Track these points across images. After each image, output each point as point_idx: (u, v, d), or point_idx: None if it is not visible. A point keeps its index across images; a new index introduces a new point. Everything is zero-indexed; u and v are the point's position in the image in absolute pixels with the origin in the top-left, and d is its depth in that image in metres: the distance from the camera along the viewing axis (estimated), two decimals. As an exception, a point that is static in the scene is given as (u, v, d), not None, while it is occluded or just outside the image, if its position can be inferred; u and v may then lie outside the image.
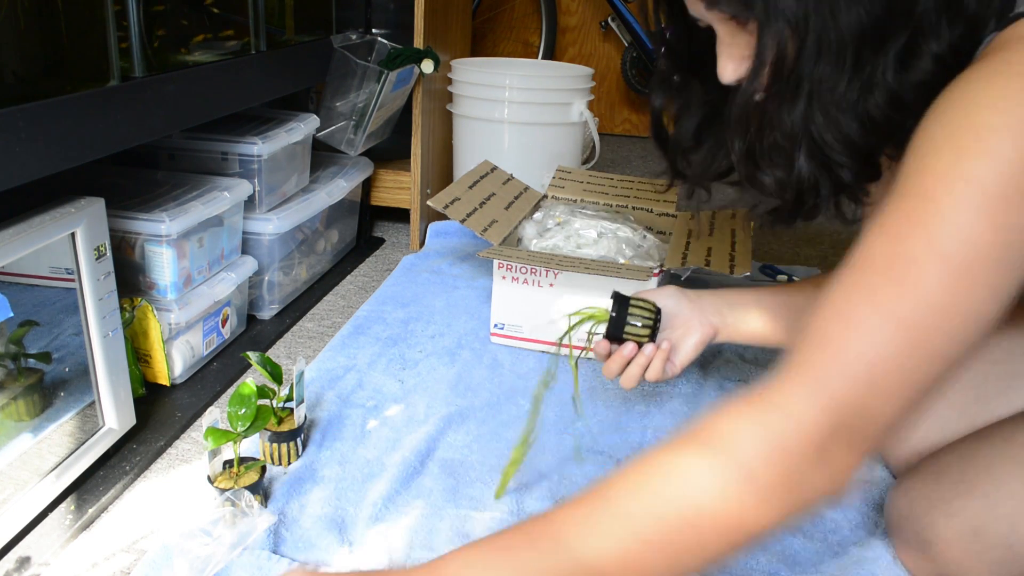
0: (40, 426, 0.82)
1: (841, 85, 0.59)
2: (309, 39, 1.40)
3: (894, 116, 0.60)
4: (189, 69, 1.01)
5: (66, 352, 0.85)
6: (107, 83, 0.87)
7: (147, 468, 0.93)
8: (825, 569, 0.81)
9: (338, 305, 1.42)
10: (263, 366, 0.93)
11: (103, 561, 0.79)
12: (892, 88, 0.59)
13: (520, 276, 1.20)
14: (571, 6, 2.90)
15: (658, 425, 1.04)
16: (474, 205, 1.26)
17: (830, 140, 0.61)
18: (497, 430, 1.02)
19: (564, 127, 1.70)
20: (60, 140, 0.78)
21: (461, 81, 1.70)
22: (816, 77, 0.59)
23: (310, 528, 0.83)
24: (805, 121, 0.61)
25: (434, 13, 1.61)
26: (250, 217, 1.23)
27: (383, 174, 1.69)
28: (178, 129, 1.01)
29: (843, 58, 0.58)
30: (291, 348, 1.26)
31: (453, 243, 1.64)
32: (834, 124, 0.60)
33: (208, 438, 0.81)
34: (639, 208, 1.42)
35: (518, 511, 0.87)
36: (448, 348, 1.22)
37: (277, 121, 1.31)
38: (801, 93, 0.60)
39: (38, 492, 0.81)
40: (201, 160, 1.22)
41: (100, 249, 0.85)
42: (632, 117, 3.01)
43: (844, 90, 0.59)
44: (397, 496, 0.88)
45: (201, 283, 1.11)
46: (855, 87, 0.59)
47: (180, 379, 1.10)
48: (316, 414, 1.03)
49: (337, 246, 1.56)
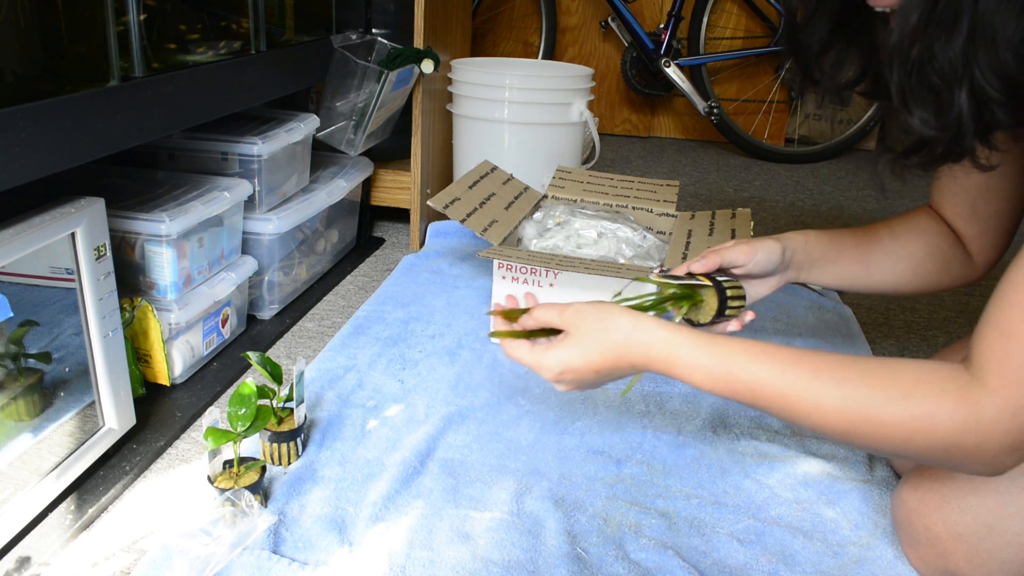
0: (40, 426, 0.82)
1: (1009, 20, 0.56)
2: (309, 39, 1.40)
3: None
4: (189, 69, 1.01)
5: (66, 352, 0.85)
6: (107, 83, 0.87)
7: (147, 468, 0.93)
8: (825, 569, 0.81)
9: (338, 305, 1.42)
10: (263, 366, 0.93)
11: (103, 561, 0.79)
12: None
13: (520, 276, 1.20)
14: (571, 6, 2.90)
15: (658, 425, 1.04)
16: (474, 205, 1.26)
17: (991, 79, 0.58)
18: (497, 430, 1.02)
19: (564, 127, 1.70)
20: (60, 140, 0.78)
21: (461, 81, 1.70)
22: (980, 10, 0.57)
23: (310, 528, 0.83)
24: (967, 59, 0.58)
25: (434, 13, 1.61)
26: (250, 217, 1.24)
27: (383, 174, 1.69)
28: (178, 129, 1.01)
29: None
30: (291, 348, 1.26)
31: (453, 243, 1.64)
32: (998, 62, 0.58)
33: (208, 438, 0.81)
34: (639, 208, 1.42)
35: (518, 511, 0.87)
36: (448, 348, 1.22)
37: (277, 121, 1.32)
38: (960, 28, 0.58)
39: (38, 492, 0.81)
40: (201, 160, 1.22)
41: (100, 249, 0.85)
42: (632, 117, 3.01)
43: (1012, 26, 0.56)
44: (397, 496, 0.88)
45: (201, 283, 1.11)
46: (1021, 24, 0.56)
47: (180, 379, 1.10)
48: (316, 414, 1.03)
49: (337, 246, 1.56)
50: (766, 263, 0.91)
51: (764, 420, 1.07)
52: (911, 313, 1.50)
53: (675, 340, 0.70)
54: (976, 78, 0.59)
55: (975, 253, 0.90)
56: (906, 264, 0.92)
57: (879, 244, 0.93)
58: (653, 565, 0.80)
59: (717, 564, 0.81)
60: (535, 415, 1.06)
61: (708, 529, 0.86)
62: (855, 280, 0.94)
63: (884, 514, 0.89)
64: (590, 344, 0.73)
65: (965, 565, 0.74)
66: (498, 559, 0.80)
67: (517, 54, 2.93)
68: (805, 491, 0.92)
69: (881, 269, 0.93)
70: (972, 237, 0.90)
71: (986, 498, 0.72)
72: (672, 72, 2.63)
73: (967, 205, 0.88)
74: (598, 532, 0.84)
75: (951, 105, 0.60)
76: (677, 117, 3.01)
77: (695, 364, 0.69)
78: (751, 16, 2.78)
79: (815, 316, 1.40)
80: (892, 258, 0.92)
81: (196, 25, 1.08)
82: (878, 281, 0.93)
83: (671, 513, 0.88)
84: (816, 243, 0.94)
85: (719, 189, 2.33)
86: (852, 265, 0.94)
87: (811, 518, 0.88)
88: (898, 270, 0.92)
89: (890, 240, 0.93)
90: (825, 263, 0.94)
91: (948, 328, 1.44)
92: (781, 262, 0.92)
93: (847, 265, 0.94)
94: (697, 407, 1.09)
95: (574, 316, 0.74)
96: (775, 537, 0.85)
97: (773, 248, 0.91)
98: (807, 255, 0.94)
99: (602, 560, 0.80)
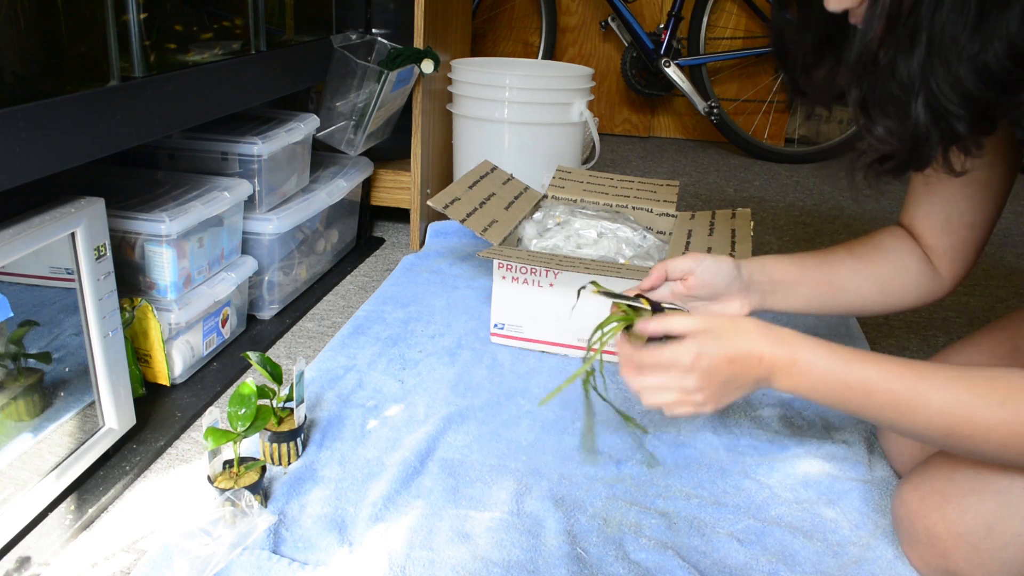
0: (40, 426, 0.82)
1: (963, 36, 0.58)
2: (309, 39, 1.40)
3: (1014, 70, 0.59)
4: (189, 69, 1.01)
5: (66, 352, 0.85)
6: (107, 83, 0.87)
7: (147, 468, 0.93)
8: (825, 569, 0.81)
9: (338, 305, 1.42)
10: (263, 366, 0.93)
11: (103, 561, 0.79)
12: (1014, 40, 0.58)
13: (520, 276, 1.20)
14: (571, 6, 2.91)
15: (658, 425, 1.04)
16: (474, 205, 1.26)
17: (947, 92, 0.60)
18: (497, 430, 1.02)
19: (564, 127, 1.70)
20: (60, 140, 0.78)
21: (461, 81, 1.70)
22: (937, 26, 0.58)
23: (310, 528, 0.83)
24: (923, 72, 0.60)
25: (434, 13, 1.61)
26: (250, 217, 1.24)
27: (383, 174, 1.69)
28: (178, 129, 1.01)
29: (965, 7, 0.57)
30: (291, 348, 1.26)
31: (453, 243, 1.64)
32: (953, 76, 0.59)
33: (208, 438, 0.81)
34: (639, 208, 1.42)
35: (518, 511, 0.87)
36: (448, 348, 1.22)
37: (277, 121, 1.32)
38: (919, 42, 0.59)
39: (38, 492, 0.81)
40: (201, 160, 1.22)
41: (100, 249, 0.85)
42: (632, 117, 3.02)
43: (966, 41, 0.58)
44: (397, 496, 0.88)
45: (201, 283, 1.11)
46: (977, 38, 0.58)
47: (180, 379, 1.10)
48: (316, 414, 1.03)
49: (337, 246, 1.56)
50: (715, 272, 0.89)
51: (764, 420, 1.07)
52: (911, 313, 1.50)
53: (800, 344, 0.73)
54: (932, 90, 0.61)
55: (942, 268, 0.89)
56: (871, 283, 0.91)
57: (842, 265, 0.92)
58: (653, 565, 0.80)
59: (717, 564, 0.81)
60: (535, 415, 1.06)
61: (708, 529, 0.86)
62: (823, 302, 0.93)
63: (884, 514, 0.89)
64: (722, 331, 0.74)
65: (965, 565, 0.74)
66: (498, 559, 0.80)
67: (517, 54, 2.93)
68: (805, 491, 0.92)
69: (847, 289, 0.91)
70: (942, 251, 0.88)
71: (986, 498, 0.72)
72: (672, 72, 2.63)
73: (942, 216, 0.87)
74: (598, 532, 0.85)
75: (908, 116, 0.62)
76: (677, 117, 3.01)
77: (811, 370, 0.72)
78: (751, 16, 2.78)
79: (815, 316, 1.40)
80: (857, 278, 0.91)
81: (196, 25, 1.08)
82: (845, 302, 0.92)
83: (671, 513, 0.88)
84: (775, 265, 0.93)
85: (719, 189, 2.33)
86: (817, 287, 0.92)
87: (811, 518, 0.88)
88: (864, 289, 0.91)
89: (853, 261, 0.92)
90: (789, 286, 0.93)
91: (948, 328, 1.44)
92: (736, 278, 0.90)
93: (812, 287, 0.93)
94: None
95: (705, 317, 0.75)
96: (775, 537, 0.85)
97: (724, 259, 0.90)
98: (767, 276, 0.92)
99: (602, 560, 0.80)
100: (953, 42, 0.58)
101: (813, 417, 1.08)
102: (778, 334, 0.73)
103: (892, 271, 0.90)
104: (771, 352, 0.72)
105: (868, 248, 0.92)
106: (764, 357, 0.72)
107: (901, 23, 0.59)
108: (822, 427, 1.05)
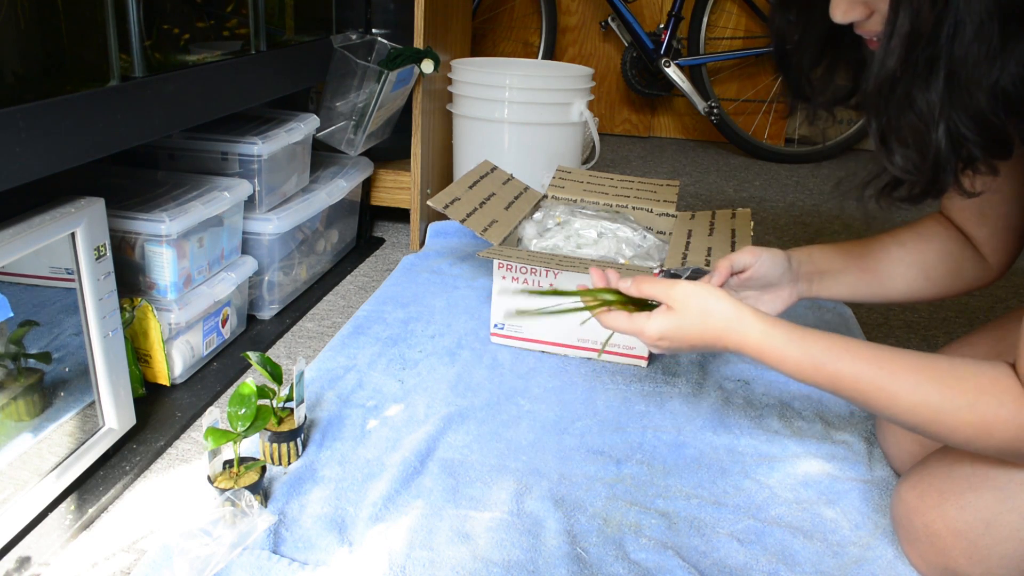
0: (40, 426, 0.82)
1: (984, 63, 0.57)
2: (309, 39, 1.40)
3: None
4: (189, 69, 1.01)
5: (66, 352, 0.85)
6: (107, 83, 0.86)
7: (147, 468, 0.93)
8: (825, 569, 0.81)
9: (338, 305, 1.42)
10: (263, 366, 0.93)
11: (103, 561, 0.79)
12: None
13: (520, 276, 1.20)
14: (571, 6, 2.91)
15: (658, 425, 1.04)
16: (474, 205, 1.26)
17: (965, 120, 0.60)
18: (497, 430, 1.02)
19: (564, 127, 1.70)
20: (60, 140, 0.78)
21: (461, 81, 1.70)
22: (958, 54, 0.58)
23: (310, 528, 0.83)
24: (943, 101, 0.60)
25: (434, 13, 1.61)
26: (250, 217, 1.24)
27: (383, 174, 1.69)
28: (178, 129, 1.01)
29: (986, 35, 0.57)
30: (291, 348, 1.26)
31: (453, 243, 1.64)
32: (971, 104, 0.59)
33: (208, 438, 0.81)
34: (639, 208, 1.42)
35: (518, 511, 0.87)
36: (448, 348, 1.22)
37: (277, 121, 1.32)
38: (938, 71, 0.59)
39: (38, 492, 0.81)
40: (201, 160, 1.22)
41: (100, 249, 0.85)
42: (632, 117, 3.01)
43: (986, 68, 0.58)
44: (397, 496, 0.88)
45: (201, 283, 1.11)
46: (997, 65, 0.57)
47: (180, 379, 1.10)
48: (316, 414, 1.03)
49: (337, 246, 1.56)
50: (771, 265, 0.92)
51: (764, 420, 1.07)
52: (911, 313, 1.50)
53: (769, 333, 0.75)
54: (952, 119, 0.61)
55: (988, 255, 0.90)
56: (917, 271, 0.92)
57: (886, 253, 0.93)
58: (653, 565, 0.80)
59: (717, 564, 0.81)
60: (535, 415, 1.06)
61: (708, 529, 0.86)
62: (868, 290, 0.94)
63: (884, 514, 0.89)
64: (692, 323, 0.78)
65: (964, 562, 0.74)
66: (498, 559, 0.80)
67: (517, 54, 2.93)
68: (805, 491, 0.92)
69: (892, 277, 0.93)
70: (983, 239, 0.90)
71: (984, 494, 0.72)
72: (672, 72, 2.63)
73: (974, 209, 0.88)
74: (598, 532, 0.85)
75: (928, 145, 0.63)
76: (677, 117, 3.01)
77: (785, 357, 0.74)
78: (751, 16, 2.78)
79: (815, 315, 1.40)
80: (902, 266, 0.92)
81: (196, 25, 1.08)
82: (891, 290, 0.93)
83: (671, 513, 0.88)
84: (821, 254, 0.95)
85: (719, 189, 2.33)
86: (862, 275, 0.94)
87: (811, 518, 0.88)
88: (909, 276, 0.92)
89: (897, 248, 0.93)
90: (834, 274, 0.95)
91: (948, 328, 1.44)
92: (788, 269, 0.93)
93: (857, 275, 0.94)
94: (697, 407, 1.09)
95: (680, 294, 0.79)
96: (775, 537, 0.85)
97: (778, 253, 0.93)
98: (814, 266, 0.95)
99: (602, 560, 0.80)
100: (974, 70, 0.58)
101: (813, 417, 1.08)
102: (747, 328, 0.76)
103: (936, 258, 0.91)
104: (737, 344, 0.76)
105: (912, 235, 0.93)
106: (729, 348, 0.77)
107: (919, 52, 0.59)
108: (822, 427, 1.05)
